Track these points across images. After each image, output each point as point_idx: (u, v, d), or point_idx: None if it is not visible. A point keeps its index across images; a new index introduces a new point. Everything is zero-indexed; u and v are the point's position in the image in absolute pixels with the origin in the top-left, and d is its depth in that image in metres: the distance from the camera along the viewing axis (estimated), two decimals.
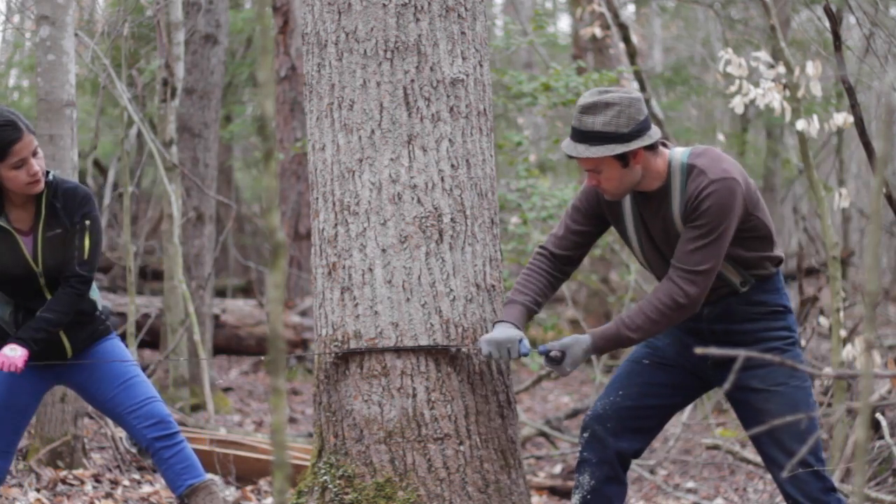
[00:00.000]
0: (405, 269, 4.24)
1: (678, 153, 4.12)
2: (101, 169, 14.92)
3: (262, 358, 5.29)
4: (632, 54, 10.64)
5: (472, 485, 4.23)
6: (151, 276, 14.31)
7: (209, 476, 4.80)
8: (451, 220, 4.28)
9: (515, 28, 10.54)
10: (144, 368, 9.12)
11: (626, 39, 10.77)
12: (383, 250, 4.25)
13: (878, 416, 6.21)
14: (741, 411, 4.29)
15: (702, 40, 16.14)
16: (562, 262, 4.35)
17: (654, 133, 4.05)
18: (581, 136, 4.02)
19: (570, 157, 4.07)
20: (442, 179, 4.28)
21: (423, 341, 4.22)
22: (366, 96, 4.28)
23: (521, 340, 4.11)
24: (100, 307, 4.74)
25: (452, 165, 4.30)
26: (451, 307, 4.26)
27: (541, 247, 4.39)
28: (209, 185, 10.35)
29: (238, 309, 12.63)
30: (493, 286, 4.38)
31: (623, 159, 4.01)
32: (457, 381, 4.26)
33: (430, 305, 4.24)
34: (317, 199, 4.40)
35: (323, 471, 4.31)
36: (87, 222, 4.54)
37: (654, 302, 4.08)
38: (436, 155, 4.28)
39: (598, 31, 11.80)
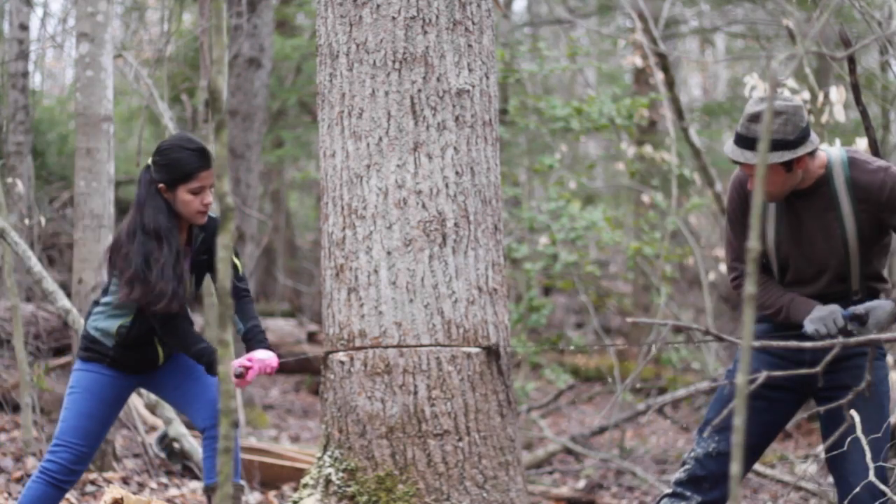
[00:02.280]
0: (409, 271, 4.41)
1: (834, 151, 4.32)
2: None
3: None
4: (669, 83, 10.78)
5: (470, 480, 4.37)
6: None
7: (242, 482, 4.96)
8: (455, 224, 4.44)
9: (550, 55, 10.69)
10: None
11: (665, 68, 10.91)
12: (388, 253, 4.42)
13: None
14: (830, 413, 4.25)
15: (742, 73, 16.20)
16: (764, 271, 4.46)
17: (815, 139, 4.23)
18: (748, 142, 4.17)
19: (735, 162, 4.24)
20: (446, 186, 4.45)
21: (426, 341, 4.38)
22: (374, 105, 4.46)
23: (839, 311, 4.22)
24: None
25: (457, 172, 4.46)
26: (452, 308, 4.42)
27: (737, 275, 4.45)
28: (251, 206, 10.60)
29: (279, 328, 12.84)
30: (495, 290, 4.53)
31: (788, 165, 4.18)
32: (457, 379, 4.41)
33: (432, 306, 4.40)
34: (327, 203, 4.58)
35: (327, 464, 4.47)
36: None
37: None
38: (441, 162, 4.45)
39: (638, 61, 11.93)
